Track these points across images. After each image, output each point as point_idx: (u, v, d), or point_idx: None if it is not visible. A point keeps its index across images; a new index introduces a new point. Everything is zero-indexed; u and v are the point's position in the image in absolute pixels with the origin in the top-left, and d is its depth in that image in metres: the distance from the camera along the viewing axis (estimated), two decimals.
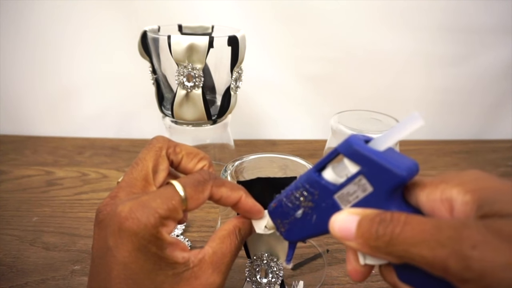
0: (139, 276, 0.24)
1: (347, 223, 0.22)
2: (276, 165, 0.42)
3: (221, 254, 0.26)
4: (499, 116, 0.80)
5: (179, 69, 0.48)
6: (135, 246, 0.23)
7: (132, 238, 0.23)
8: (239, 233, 0.28)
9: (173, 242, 0.25)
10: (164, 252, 0.24)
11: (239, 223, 0.29)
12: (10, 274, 0.42)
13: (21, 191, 0.58)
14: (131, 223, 0.23)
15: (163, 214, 0.24)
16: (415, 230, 0.19)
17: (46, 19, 0.69)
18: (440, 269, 0.18)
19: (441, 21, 0.71)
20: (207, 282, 0.25)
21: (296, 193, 0.25)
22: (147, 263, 0.24)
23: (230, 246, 0.27)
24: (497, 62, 0.75)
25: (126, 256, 0.23)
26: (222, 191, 0.27)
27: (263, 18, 0.70)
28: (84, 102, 0.77)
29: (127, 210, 0.23)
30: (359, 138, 0.23)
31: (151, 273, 0.24)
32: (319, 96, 0.77)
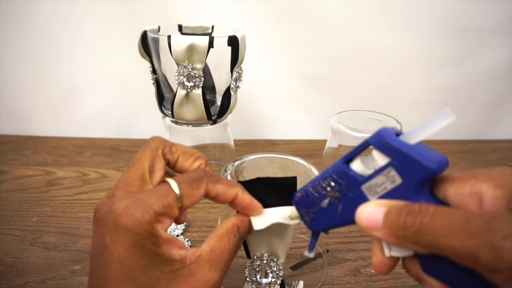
0: (135, 272, 0.24)
1: (374, 214, 0.22)
2: (276, 165, 0.42)
3: (219, 252, 0.26)
4: (499, 116, 0.80)
5: (179, 69, 0.48)
6: (131, 243, 0.23)
7: (127, 234, 0.23)
8: (237, 231, 0.28)
9: (169, 239, 0.25)
10: (160, 248, 0.24)
11: (238, 221, 0.28)
12: (10, 274, 0.42)
13: (21, 191, 0.59)
14: (126, 220, 0.23)
15: (158, 211, 0.24)
16: (445, 221, 0.19)
17: (46, 19, 0.70)
18: (470, 259, 0.18)
19: (441, 21, 0.71)
20: (204, 279, 0.25)
21: (323, 183, 0.26)
22: (143, 259, 0.24)
23: (228, 244, 0.27)
24: (497, 62, 0.75)
25: (122, 252, 0.24)
26: (217, 188, 0.27)
27: (263, 18, 0.70)
28: (84, 102, 0.77)
29: (123, 207, 0.24)
30: (390, 131, 0.24)
31: (147, 270, 0.24)
32: (319, 96, 0.77)
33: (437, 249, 0.20)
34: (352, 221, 0.24)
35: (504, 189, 0.21)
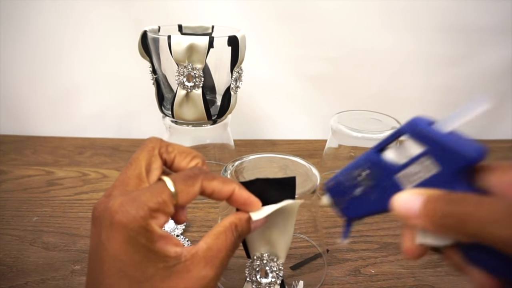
0: (130, 268, 0.24)
1: (410, 202, 0.22)
2: (276, 165, 0.42)
3: (216, 249, 0.26)
4: (499, 116, 0.80)
5: (179, 69, 0.48)
6: (125, 238, 0.24)
7: (122, 230, 0.24)
8: (235, 229, 0.28)
9: (164, 235, 0.25)
10: (154, 244, 0.24)
11: (236, 219, 0.28)
12: (10, 274, 0.42)
13: (21, 191, 0.59)
14: (121, 216, 0.24)
15: (152, 207, 0.24)
16: (489, 209, 0.19)
17: (46, 19, 0.70)
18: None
19: (441, 21, 0.71)
20: (199, 276, 0.25)
21: (356, 172, 0.26)
22: (137, 255, 0.24)
23: (226, 242, 0.27)
24: (497, 62, 0.75)
25: (116, 248, 0.24)
26: (213, 184, 0.28)
27: (263, 18, 0.70)
28: (84, 102, 0.77)
29: (118, 204, 0.24)
30: (423, 120, 0.24)
31: (141, 265, 0.24)
32: (319, 96, 0.77)
33: (480, 238, 0.19)
34: (386, 209, 0.25)
35: None
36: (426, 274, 0.44)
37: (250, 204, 0.29)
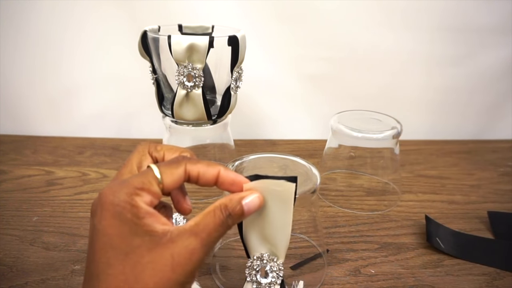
0: (116, 240, 0.25)
1: None
2: (276, 165, 0.42)
3: (203, 225, 0.26)
4: (499, 116, 0.80)
5: (179, 69, 0.48)
6: (112, 214, 0.25)
7: (109, 207, 0.25)
8: (225, 208, 0.28)
9: (152, 213, 0.26)
10: (141, 220, 0.25)
11: (226, 200, 0.28)
12: (10, 274, 0.42)
13: (21, 191, 0.59)
14: (109, 195, 0.26)
15: (136, 185, 0.26)
16: None
17: (46, 19, 0.70)
18: None
19: (441, 21, 0.71)
20: (183, 245, 0.25)
21: None
22: (123, 227, 0.25)
23: (214, 219, 0.27)
24: (497, 62, 0.75)
25: (105, 225, 0.25)
26: (198, 167, 0.29)
27: (263, 18, 0.70)
28: (84, 102, 0.77)
29: (107, 188, 0.26)
30: None
31: (127, 237, 0.25)
32: (319, 96, 0.77)
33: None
34: None
35: None
36: (426, 274, 0.44)
37: (239, 184, 0.30)
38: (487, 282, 0.43)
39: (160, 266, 0.25)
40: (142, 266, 0.25)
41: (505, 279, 0.43)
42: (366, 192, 0.60)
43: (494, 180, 0.65)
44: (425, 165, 0.69)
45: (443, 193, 0.60)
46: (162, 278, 0.25)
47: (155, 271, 0.25)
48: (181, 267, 0.25)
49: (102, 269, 0.25)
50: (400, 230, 0.51)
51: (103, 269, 0.25)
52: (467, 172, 0.67)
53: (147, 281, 0.24)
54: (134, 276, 0.24)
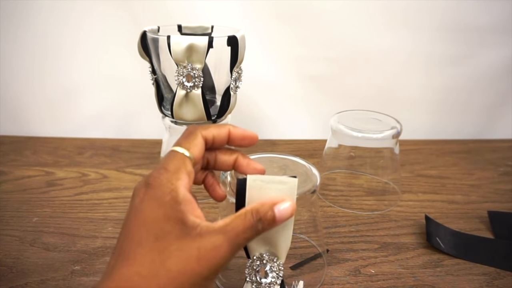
0: (150, 223, 0.26)
1: None
2: (276, 165, 0.42)
3: (232, 226, 0.27)
4: (499, 116, 0.80)
5: (178, 69, 0.48)
6: (152, 196, 0.27)
7: (151, 190, 0.27)
8: (256, 213, 0.28)
9: (189, 200, 0.27)
10: (178, 205, 0.26)
11: (258, 205, 0.29)
12: (10, 274, 0.42)
13: (21, 191, 0.59)
14: (154, 178, 0.27)
15: (173, 170, 0.28)
16: None
17: (46, 20, 0.70)
18: None
19: (441, 21, 0.71)
20: (211, 241, 0.26)
21: None
22: (159, 211, 0.26)
23: (244, 222, 0.27)
24: (497, 62, 0.75)
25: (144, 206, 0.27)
26: (211, 130, 0.31)
27: (263, 18, 0.70)
28: (84, 103, 0.77)
29: (152, 172, 0.28)
30: None
31: (161, 222, 0.26)
32: (319, 96, 0.77)
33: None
34: None
35: None
36: (426, 274, 0.44)
37: (248, 137, 0.33)
38: (487, 282, 0.43)
39: (186, 256, 0.25)
40: (169, 253, 0.25)
41: (505, 279, 0.43)
42: (366, 192, 0.60)
43: (494, 179, 0.65)
44: (425, 165, 0.69)
45: (443, 193, 0.60)
46: (186, 268, 0.25)
47: (180, 260, 0.25)
48: (206, 261, 0.25)
49: (133, 248, 0.26)
50: (400, 230, 0.51)
51: (134, 247, 0.26)
52: (467, 171, 0.67)
53: (172, 268, 0.25)
54: (160, 260, 0.25)
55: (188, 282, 0.25)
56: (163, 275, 0.25)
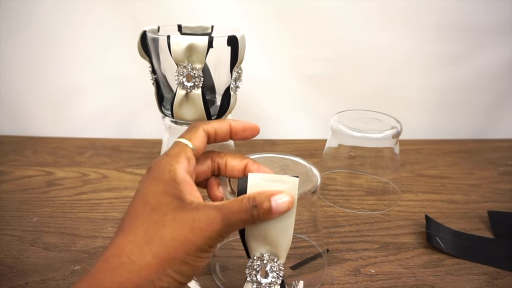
0: (148, 197, 0.28)
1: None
2: (276, 165, 0.42)
3: (228, 205, 0.28)
4: (499, 115, 0.80)
5: (178, 69, 0.48)
6: (152, 175, 0.29)
7: (152, 171, 0.29)
8: (252, 199, 0.29)
9: (188, 181, 0.29)
10: (176, 184, 0.28)
11: (256, 193, 0.29)
12: (10, 274, 0.42)
13: (21, 191, 0.59)
14: (155, 163, 0.30)
15: (174, 154, 0.30)
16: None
17: (46, 20, 0.70)
18: None
19: (440, 21, 0.71)
20: (205, 213, 0.27)
21: None
22: (158, 186, 0.28)
23: (240, 205, 0.28)
24: (496, 62, 0.75)
25: (144, 184, 0.29)
26: (212, 125, 0.33)
27: (262, 18, 0.70)
28: (84, 103, 0.77)
29: (153, 161, 0.30)
30: None
31: (158, 195, 0.28)
32: (319, 95, 0.77)
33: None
34: None
35: None
36: (426, 274, 0.44)
37: (249, 128, 0.35)
38: (487, 281, 0.43)
39: (180, 225, 0.26)
40: (164, 222, 0.27)
41: (505, 279, 0.43)
42: (366, 191, 0.60)
43: (494, 179, 0.65)
44: (425, 165, 0.69)
45: (443, 193, 0.60)
46: (180, 235, 0.26)
47: (174, 228, 0.26)
48: (199, 231, 0.26)
49: (129, 220, 0.27)
50: (400, 230, 0.51)
51: (130, 220, 0.27)
52: (467, 171, 0.67)
53: (166, 235, 0.26)
54: (155, 229, 0.26)
55: (182, 250, 0.26)
56: (157, 242, 0.26)
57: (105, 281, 0.25)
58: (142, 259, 0.25)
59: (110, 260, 0.26)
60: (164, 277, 0.25)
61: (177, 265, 0.26)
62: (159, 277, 0.25)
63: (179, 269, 0.26)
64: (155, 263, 0.25)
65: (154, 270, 0.25)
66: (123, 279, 0.25)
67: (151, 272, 0.25)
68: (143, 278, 0.25)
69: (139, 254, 0.26)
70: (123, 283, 0.25)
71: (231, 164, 0.34)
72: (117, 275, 0.25)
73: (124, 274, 0.25)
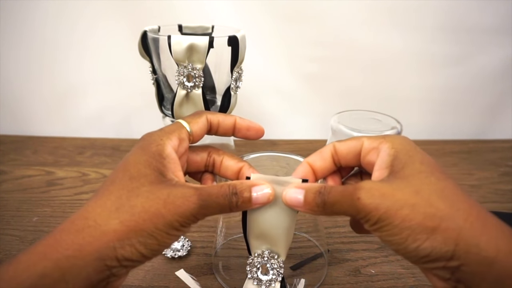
0: (129, 166, 0.28)
1: (295, 195, 0.28)
2: (276, 164, 0.42)
3: (206, 187, 0.27)
4: (499, 116, 0.80)
5: (179, 69, 0.48)
6: (140, 145, 0.29)
7: (141, 141, 0.30)
8: (233, 186, 0.28)
9: (174, 158, 0.29)
10: (161, 159, 0.28)
11: (237, 181, 0.29)
12: None
13: (21, 191, 0.59)
14: (146, 134, 0.30)
15: (167, 130, 0.30)
16: (335, 195, 0.26)
17: (46, 20, 0.70)
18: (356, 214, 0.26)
19: (441, 21, 0.71)
20: (182, 191, 0.26)
21: None
22: (142, 157, 0.28)
23: (219, 189, 0.27)
24: (497, 62, 0.75)
25: (130, 153, 0.29)
26: (217, 116, 0.33)
27: (263, 18, 0.70)
28: (84, 102, 0.77)
29: (146, 133, 0.30)
30: None
31: (140, 165, 0.27)
32: (319, 96, 0.77)
33: (338, 214, 0.27)
34: None
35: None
36: None
37: (254, 128, 0.35)
38: None
39: (154, 197, 0.26)
40: (139, 192, 0.26)
41: None
42: None
43: (494, 180, 0.65)
44: None
45: None
46: (151, 207, 0.25)
47: (147, 200, 0.26)
48: (173, 206, 0.26)
49: (105, 185, 0.27)
50: None
51: (106, 185, 0.27)
52: (467, 172, 0.67)
53: (137, 204, 0.26)
54: (128, 197, 0.26)
55: (151, 222, 0.25)
56: (126, 209, 0.25)
57: (66, 242, 0.24)
58: (108, 224, 0.25)
59: (76, 221, 0.25)
60: (127, 246, 0.25)
61: (143, 237, 0.25)
62: (122, 245, 0.24)
63: (145, 241, 0.25)
64: (121, 231, 0.24)
65: (117, 237, 0.24)
66: (84, 242, 0.24)
67: (114, 238, 0.24)
68: (104, 243, 0.24)
69: (106, 219, 0.25)
70: (83, 245, 0.24)
71: (226, 163, 0.33)
72: (78, 237, 0.24)
73: (85, 237, 0.24)
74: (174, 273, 0.42)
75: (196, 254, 0.46)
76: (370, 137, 0.30)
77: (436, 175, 0.26)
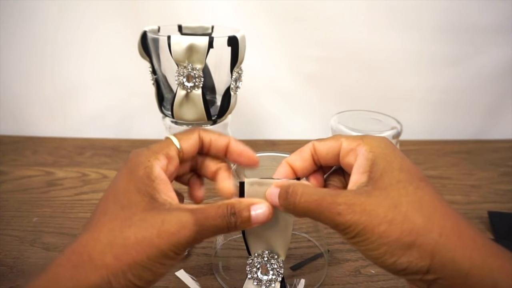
0: (119, 194, 0.27)
1: (273, 194, 0.28)
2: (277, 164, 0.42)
3: (203, 209, 0.26)
4: (499, 116, 0.80)
5: (179, 70, 0.48)
6: (128, 169, 0.28)
7: (128, 163, 0.28)
8: (231, 206, 0.27)
9: (163, 179, 0.28)
10: (150, 181, 0.27)
11: (235, 200, 0.28)
12: (10, 274, 0.42)
13: (21, 191, 0.58)
14: (133, 154, 0.29)
15: (155, 150, 0.29)
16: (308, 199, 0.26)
17: (46, 20, 0.70)
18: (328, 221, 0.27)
19: (441, 21, 0.71)
20: (177, 216, 0.25)
21: None
22: (130, 184, 0.27)
23: (216, 210, 0.26)
24: (497, 62, 0.75)
25: (118, 178, 0.28)
26: (210, 135, 0.32)
27: (263, 18, 0.70)
28: (84, 103, 0.77)
29: (134, 150, 0.29)
30: None
31: (130, 193, 0.26)
32: (319, 96, 0.77)
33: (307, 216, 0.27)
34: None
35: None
36: None
37: (246, 155, 0.32)
38: None
39: (147, 226, 0.25)
40: (131, 222, 0.25)
41: None
42: None
43: (494, 180, 0.65)
44: (425, 165, 0.69)
45: (443, 193, 0.60)
46: (145, 238, 0.25)
47: (140, 229, 0.25)
48: (167, 235, 0.25)
49: (97, 217, 0.27)
50: None
51: (98, 216, 0.27)
52: (467, 172, 0.67)
53: (130, 236, 0.25)
54: (120, 228, 0.25)
55: (145, 254, 0.24)
56: (119, 243, 0.25)
57: (65, 277, 0.24)
58: (101, 259, 0.24)
59: (71, 257, 0.25)
60: (122, 280, 0.24)
61: (137, 270, 0.24)
62: (116, 279, 0.24)
63: (139, 274, 0.24)
64: (114, 265, 0.24)
65: (111, 272, 0.24)
66: (81, 277, 0.24)
67: (108, 272, 0.24)
68: (100, 277, 0.24)
69: (99, 253, 0.25)
70: (81, 281, 0.24)
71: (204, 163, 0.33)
72: (75, 272, 0.24)
73: (82, 273, 0.24)
74: (174, 273, 0.42)
75: (196, 254, 0.46)
76: (349, 137, 0.29)
77: (415, 184, 0.26)
